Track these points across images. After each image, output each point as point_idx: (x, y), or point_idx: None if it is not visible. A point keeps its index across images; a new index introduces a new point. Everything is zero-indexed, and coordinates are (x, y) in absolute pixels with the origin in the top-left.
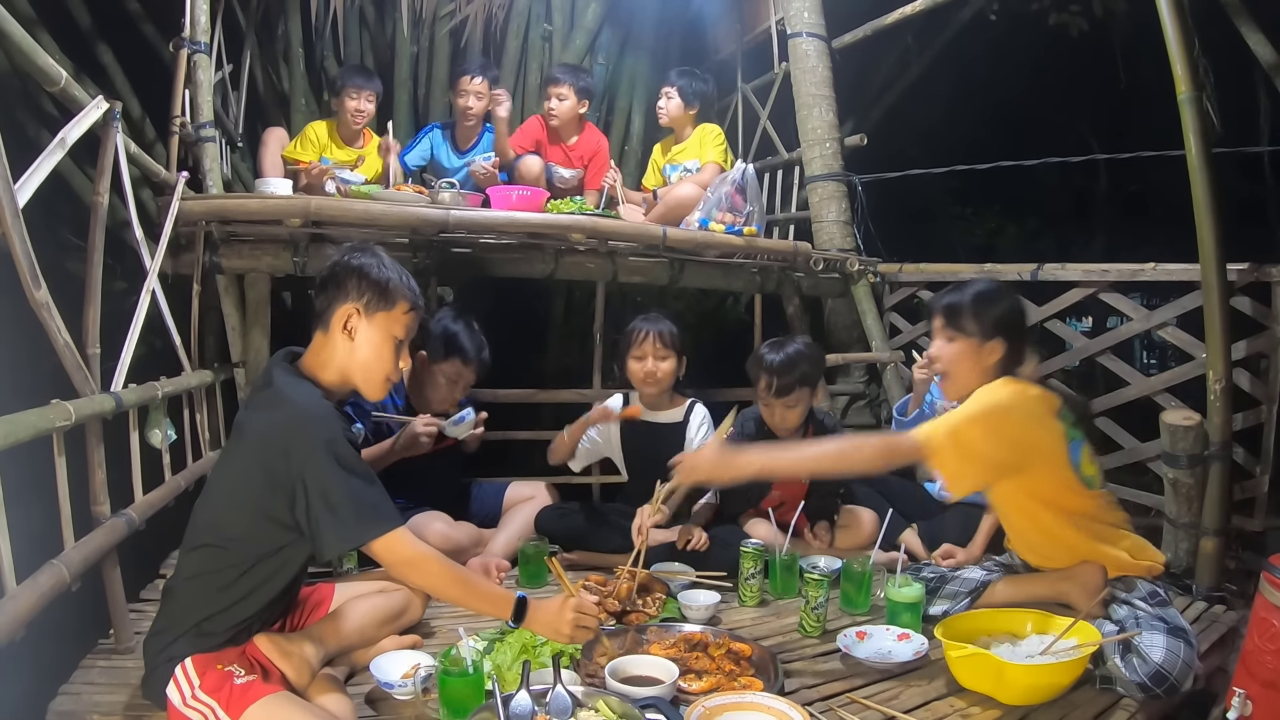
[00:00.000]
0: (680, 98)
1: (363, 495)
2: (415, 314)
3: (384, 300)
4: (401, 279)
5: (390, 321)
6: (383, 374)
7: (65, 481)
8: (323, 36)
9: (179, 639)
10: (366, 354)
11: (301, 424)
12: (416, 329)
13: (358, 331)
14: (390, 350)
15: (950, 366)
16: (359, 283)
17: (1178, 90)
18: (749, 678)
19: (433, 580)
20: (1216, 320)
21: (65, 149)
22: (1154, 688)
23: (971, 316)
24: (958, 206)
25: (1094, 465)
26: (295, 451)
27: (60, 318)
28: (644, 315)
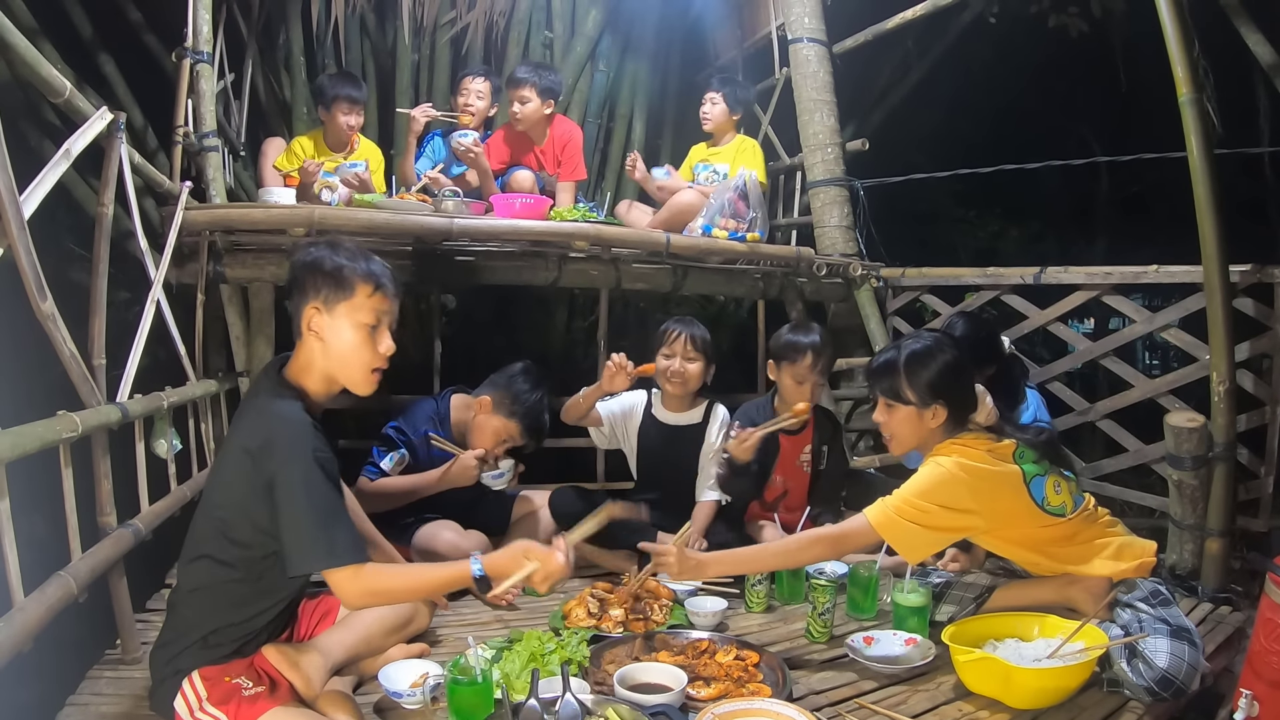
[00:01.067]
0: (725, 104)
1: (324, 522)
2: (382, 294)
3: (340, 289)
4: (358, 263)
5: (354, 310)
6: (361, 365)
7: (72, 492)
8: (324, 45)
9: (185, 651)
10: (338, 350)
11: (276, 439)
12: (396, 310)
13: (324, 329)
14: (362, 339)
15: (895, 431)
16: (313, 279)
17: (1179, 92)
18: (757, 684)
19: (395, 599)
20: (1219, 322)
21: (70, 160)
22: (1161, 692)
23: (907, 385)
24: (960, 210)
25: (1063, 492)
26: (270, 464)
27: (66, 329)
28: (677, 317)
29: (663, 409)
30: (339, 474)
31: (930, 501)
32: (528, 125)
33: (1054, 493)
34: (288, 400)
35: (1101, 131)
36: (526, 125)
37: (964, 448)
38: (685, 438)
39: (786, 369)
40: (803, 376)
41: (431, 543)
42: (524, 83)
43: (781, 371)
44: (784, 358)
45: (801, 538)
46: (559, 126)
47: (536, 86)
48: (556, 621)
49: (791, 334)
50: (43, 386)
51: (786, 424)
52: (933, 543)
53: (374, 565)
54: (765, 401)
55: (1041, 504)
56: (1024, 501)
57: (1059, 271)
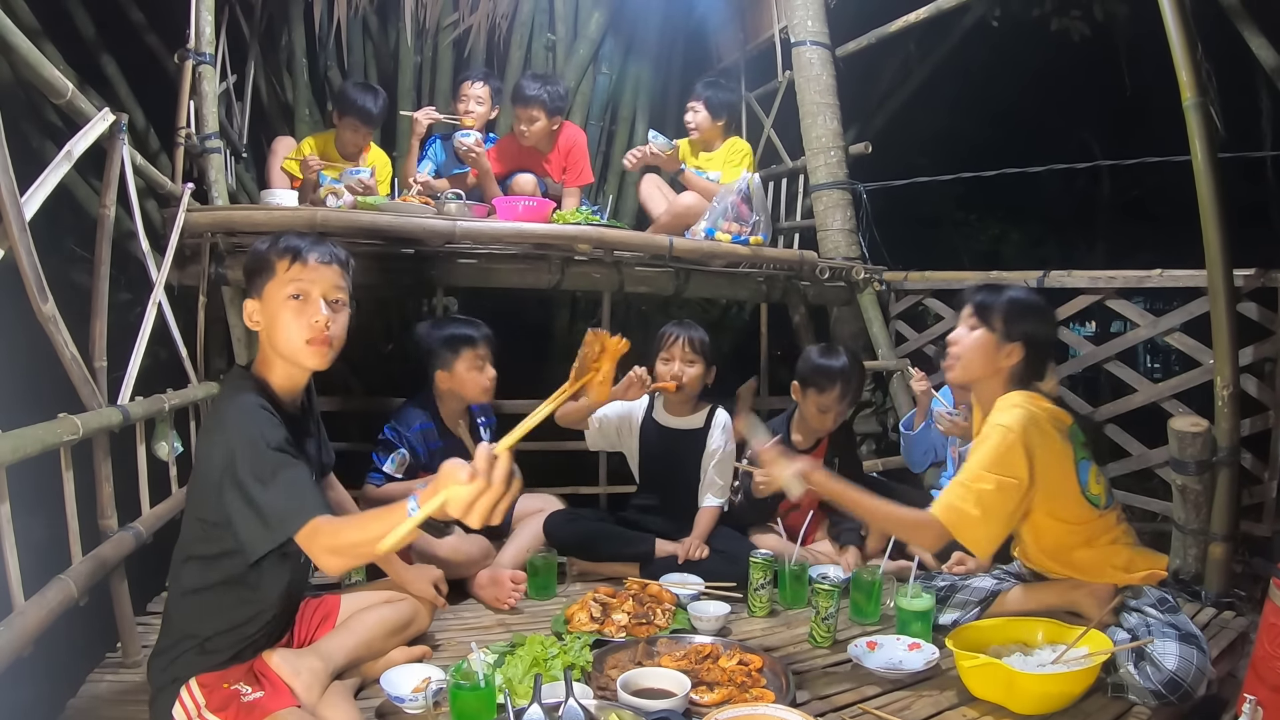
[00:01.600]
0: (707, 110)
1: (268, 493)
2: (300, 264)
3: (262, 271)
4: (275, 241)
5: (277, 287)
6: (294, 338)
7: (73, 495)
8: (326, 47)
9: (181, 658)
10: (272, 331)
11: (216, 427)
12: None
13: (259, 316)
14: (290, 312)
15: (964, 353)
16: (246, 275)
17: (1183, 96)
18: (761, 689)
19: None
20: (1223, 326)
21: (72, 161)
22: (1168, 695)
23: (1000, 316)
24: (961, 213)
25: (1100, 484)
26: (217, 455)
27: (67, 331)
28: (675, 320)
29: (664, 413)
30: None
31: (989, 480)
32: (535, 141)
33: (1095, 481)
34: (234, 389)
35: (1102, 135)
36: (534, 142)
37: (1031, 398)
38: (687, 442)
39: (812, 396)
40: (828, 406)
41: (433, 546)
42: (533, 102)
43: (806, 397)
44: (811, 384)
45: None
46: (564, 133)
47: (546, 108)
48: (559, 626)
49: (822, 359)
50: (44, 388)
51: None
52: (998, 532)
53: (325, 519)
54: (781, 421)
55: (1084, 489)
56: (1071, 482)
57: (1062, 275)
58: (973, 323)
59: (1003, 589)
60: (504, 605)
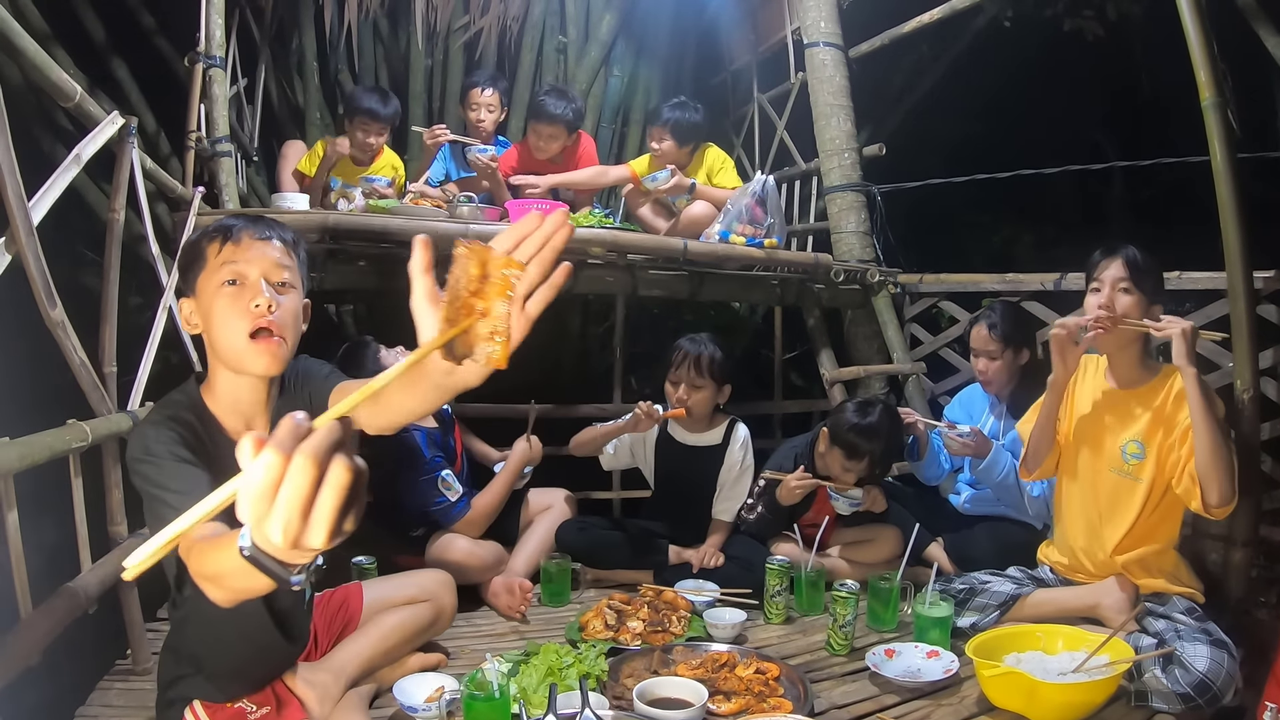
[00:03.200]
0: (674, 138)
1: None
2: (233, 243)
3: (194, 263)
4: (207, 230)
5: (209, 275)
6: (234, 335)
7: (82, 502)
8: (337, 50)
9: (184, 679)
10: (212, 331)
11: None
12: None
13: (195, 318)
14: (226, 299)
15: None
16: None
17: (1201, 96)
18: (778, 699)
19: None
20: (1244, 328)
21: (81, 165)
22: (1197, 698)
23: (1149, 274)
24: (974, 215)
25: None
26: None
27: (76, 336)
28: (690, 336)
29: (680, 429)
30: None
31: None
32: (549, 156)
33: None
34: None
35: (1116, 136)
36: (549, 155)
37: None
38: (705, 458)
39: (838, 456)
40: (851, 469)
41: (447, 552)
42: (557, 120)
43: (833, 452)
44: (839, 444)
45: None
46: (574, 146)
47: (568, 126)
48: (574, 634)
49: (857, 419)
50: (54, 394)
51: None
52: None
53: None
54: (805, 451)
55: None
56: None
57: (1080, 278)
58: (1125, 285)
59: (1023, 593)
60: (515, 615)
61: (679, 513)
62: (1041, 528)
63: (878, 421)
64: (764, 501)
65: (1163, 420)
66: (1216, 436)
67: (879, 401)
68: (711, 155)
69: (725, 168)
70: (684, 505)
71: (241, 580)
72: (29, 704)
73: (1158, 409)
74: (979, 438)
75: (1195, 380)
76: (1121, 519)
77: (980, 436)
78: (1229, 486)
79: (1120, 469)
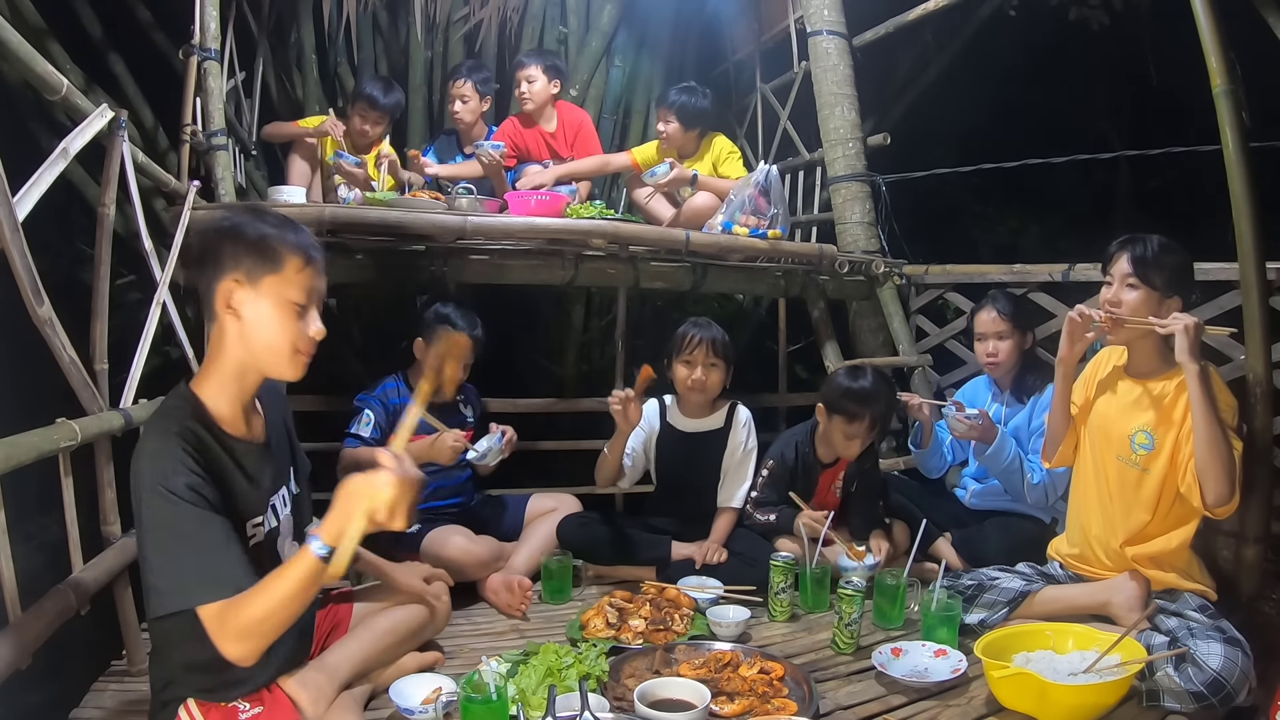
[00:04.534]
0: (679, 120)
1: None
2: (313, 269)
3: (268, 261)
4: (286, 232)
5: (282, 284)
6: (287, 347)
7: (73, 502)
8: (336, 43)
9: (176, 681)
10: (262, 331)
11: (134, 471)
12: (324, 289)
13: (244, 305)
14: (290, 318)
15: (1127, 315)
16: (233, 249)
17: (1212, 84)
18: (782, 699)
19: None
20: (1256, 320)
21: (68, 159)
22: (1210, 697)
23: (1157, 268)
24: (979, 205)
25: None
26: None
27: (65, 334)
28: (693, 320)
29: (681, 417)
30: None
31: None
32: (537, 105)
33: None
34: (161, 418)
35: (1122, 126)
36: (536, 105)
37: None
38: (707, 444)
39: (839, 423)
40: (855, 434)
41: (442, 549)
42: (527, 64)
43: (832, 422)
44: (838, 411)
45: None
46: (565, 112)
47: (541, 65)
48: (574, 632)
49: (849, 383)
50: (48, 391)
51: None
52: None
53: (236, 599)
54: (805, 437)
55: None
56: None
57: (1088, 268)
58: (1132, 281)
59: (1031, 590)
60: (514, 613)
61: (683, 504)
62: (1050, 521)
63: (871, 383)
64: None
65: (1174, 413)
66: (1216, 435)
67: (867, 365)
68: (719, 144)
69: (731, 158)
70: (688, 496)
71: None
72: (23, 706)
73: (1170, 402)
74: (986, 421)
75: (1198, 377)
76: (1129, 510)
77: (987, 420)
78: (1227, 487)
79: (1128, 459)
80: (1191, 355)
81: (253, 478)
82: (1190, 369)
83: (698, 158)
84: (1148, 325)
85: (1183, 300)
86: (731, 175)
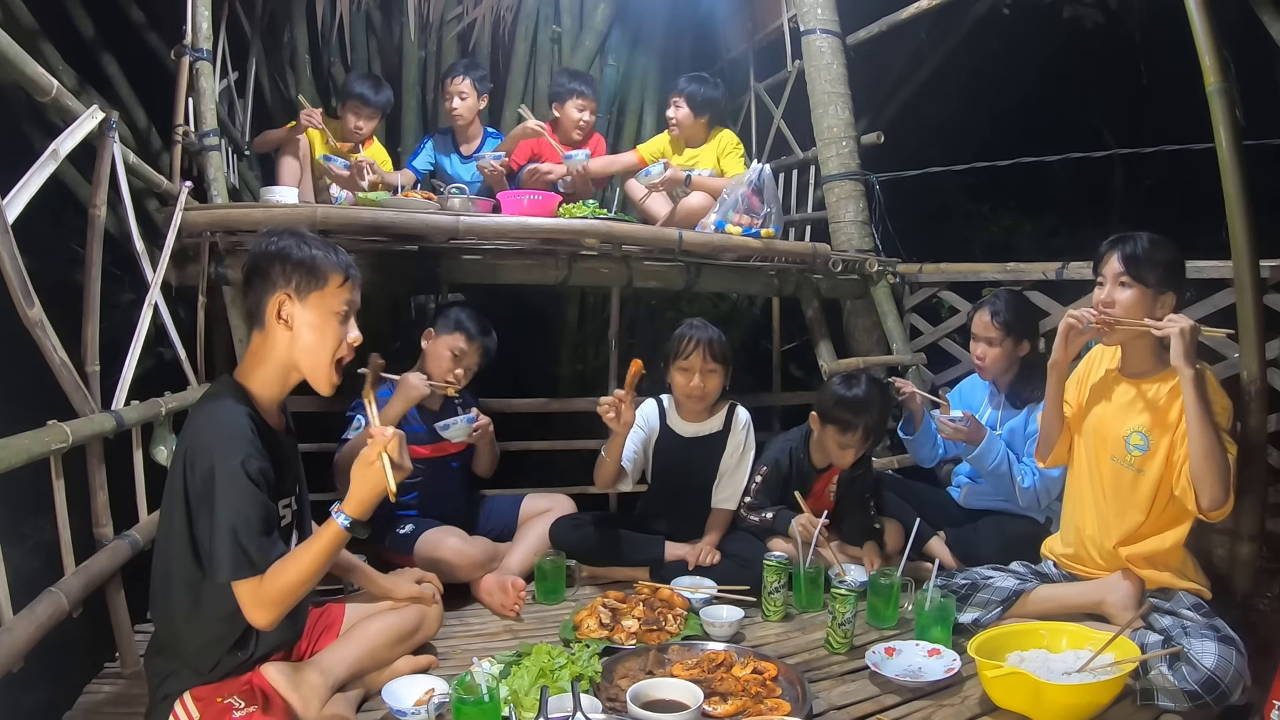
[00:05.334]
0: (689, 106)
1: (238, 532)
2: (351, 284)
3: (314, 279)
4: (328, 253)
5: (326, 299)
6: (329, 355)
7: (64, 505)
8: (329, 43)
9: (174, 674)
10: (309, 339)
11: (205, 442)
12: (359, 301)
13: (294, 318)
14: (333, 329)
15: (1120, 315)
16: (283, 267)
17: (1206, 82)
18: (776, 699)
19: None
20: (1251, 319)
21: (58, 161)
22: (1204, 695)
23: (1149, 266)
24: (972, 204)
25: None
26: (201, 468)
27: (56, 336)
28: (690, 321)
29: (680, 420)
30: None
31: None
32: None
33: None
34: (225, 402)
35: (1115, 124)
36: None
37: None
38: (706, 448)
39: (832, 433)
40: (848, 445)
41: (436, 550)
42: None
43: (826, 432)
44: (832, 421)
45: None
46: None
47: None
48: (567, 632)
49: (843, 392)
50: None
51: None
52: None
53: (269, 571)
54: (799, 444)
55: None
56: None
57: (1081, 267)
58: (1125, 280)
59: (1025, 589)
60: (508, 614)
61: (678, 505)
62: (1044, 521)
63: (865, 392)
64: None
65: (1169, 415)
66: (1211, 441)
67: (862, 372)
68: (725, 137)
69: (735, 153)
70: (681, 498)
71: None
72: (15, 709)
73: (1165, 403)
74: (972, 423)
75: (1192, 382)
76: (1124, 511)
77: (974, 423)
78: (1221, 491)
79: (1122, 459)
80: (1187, 360)
81: (284, 464)
82: (1185, 374)
83: (704, 149)
84: (1143, 327)
85: (1177, 296)
86: (733, 170)
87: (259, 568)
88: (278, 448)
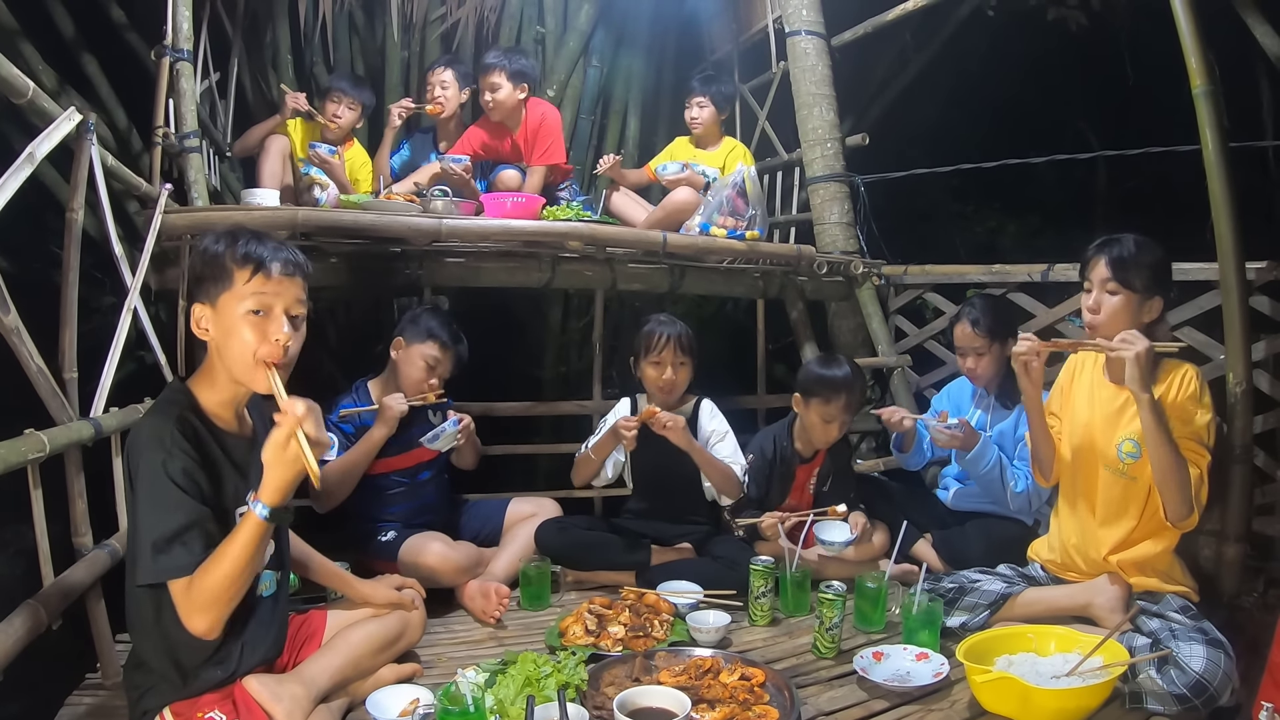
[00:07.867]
0: (714, 105)
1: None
2: (263, 276)
3: (219, 279)
4: (236, 246)
5: (235, 297)
6: (249, 355)
7: (42, 515)
8: (311, 43)
9: (153, 689)
10: (226, 344)
11: (130, 447)
12: (293, 292)
13: (211, 324)
14: (246, 327)
15: (1109, 322)
16: (194, 275)
17: (1192, 84)
18: (764, 706)
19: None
20: (1236, 321)
21: (34, 163)
22: (1193, 698)
23: (1136, 270)
24: (957, 205)
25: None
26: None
27: (33, 342)
28: (657, 317)
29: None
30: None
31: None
32: (503, 114)
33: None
34: (160, 406)
35: (1100, 126)
36: (501, 114)
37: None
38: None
39: (816, 407)
40: (833, 416)
41: (420, 555)
42: (493, 68)
43: (809, 408)
44: (814, 395)
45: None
46: (533, 110)
47: (506, 71)
48: (553, 639)
49: (822, 369)
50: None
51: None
52: None
53: (198, 572)
54: (783, 431)
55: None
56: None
57: (1067, 269)
58: (1112, 286)
59: (1013, 592)
60: (490, 619)
61: (662, 503)
62: (1032, 524)
63: (843, 364)
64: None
65: None
66: (1169, 459)
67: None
68: (738, 149)
69: (743, 160)
70: (666, 494)
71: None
72: None
73: None
74: (966, 430)
75: (1149, 406)
76: (1118, 520)
77: (968, 428)
78: (1185, 507)
79: (1116, 468)
80: (1142, 384)
81: (240, 468)
82: (1141, 399)
83: (717, 152)
84: (1101, 349)
85: (1163, 299)
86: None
87: (178, 570)
88: (224, 451)
